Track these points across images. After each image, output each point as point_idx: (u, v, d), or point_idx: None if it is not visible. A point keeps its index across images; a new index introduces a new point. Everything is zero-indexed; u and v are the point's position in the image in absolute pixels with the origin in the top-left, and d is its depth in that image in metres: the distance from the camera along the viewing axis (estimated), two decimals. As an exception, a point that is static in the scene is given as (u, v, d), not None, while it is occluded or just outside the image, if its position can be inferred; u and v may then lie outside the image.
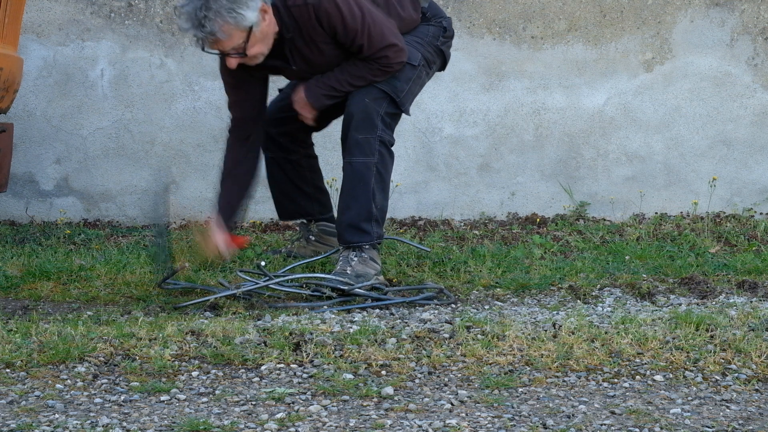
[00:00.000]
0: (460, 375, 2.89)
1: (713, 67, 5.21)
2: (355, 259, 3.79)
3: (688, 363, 2.99)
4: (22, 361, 2.90)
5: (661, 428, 2.52)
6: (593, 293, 3.84)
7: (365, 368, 2.91)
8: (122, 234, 4.83)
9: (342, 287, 3.65)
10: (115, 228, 4.99)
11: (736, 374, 2.92)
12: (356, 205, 3.81)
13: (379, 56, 3.77)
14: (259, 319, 3.39)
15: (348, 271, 3.75)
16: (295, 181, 4.21)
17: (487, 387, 2.79)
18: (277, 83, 4.15)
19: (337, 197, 5.13)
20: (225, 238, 3.82)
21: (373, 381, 2.82)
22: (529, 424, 2.53)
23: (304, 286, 3.74)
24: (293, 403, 2.66)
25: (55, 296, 3.76)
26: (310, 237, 4.31)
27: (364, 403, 2.66)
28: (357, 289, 3.65)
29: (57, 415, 2.55)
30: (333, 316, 3.43)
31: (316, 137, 4.27)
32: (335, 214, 4.18)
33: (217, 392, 2.74)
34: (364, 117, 3.80)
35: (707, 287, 3.91)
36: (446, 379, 2.86)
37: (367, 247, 3.81)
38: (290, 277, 3.77)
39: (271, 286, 3.68)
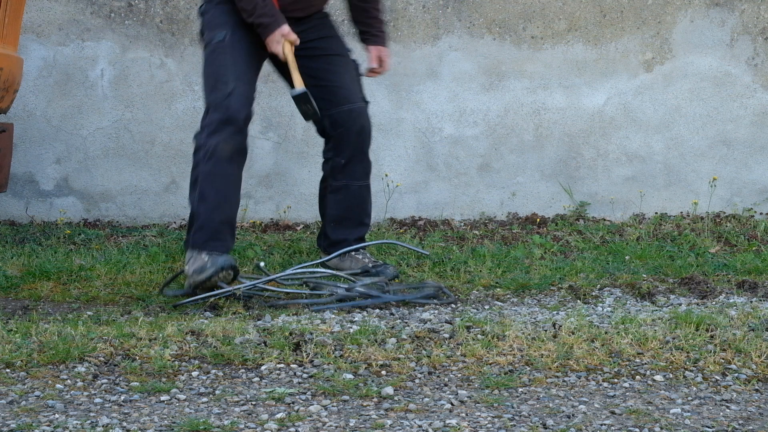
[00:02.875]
0: (460, 375, 2.89)
1: (713, 67, 5.21)
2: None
3: (688, 363, 2.99)
4: (22, 361, 2.91)
5: (661, 428, 2.52)
6: (593, 293, 3.84)
7: (365, 368, 2.91)
8: (122, 234, 4.83)
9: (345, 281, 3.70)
10: (115, 228, 4.99)
11: (736, 374, 2.92)
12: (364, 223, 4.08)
13: None
14: (259, 319, 3.39)
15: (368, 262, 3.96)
16: None
17: (487, 387, 2.79)
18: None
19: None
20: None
21: (373, 381, 2.82)
22: (529, 424, 2.53)
23: (304, 285, 3.75)
24: (293, 403, 2.66)
25: (55, 296, 3.77)
26: None
27: (364, 403, 2.66)
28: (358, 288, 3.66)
29: (57, 415, 2.55)
30: (333, 316, 3.43)
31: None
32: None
33: (217, 392, 2.74)
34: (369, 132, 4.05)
35: (707, 287, 3.91)
36: (446, 379, 2.86)
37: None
38: (290, 272, 3.75)
39: (269, 284, 3.68)
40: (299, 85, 3.82)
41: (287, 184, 5.12)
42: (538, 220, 5.12)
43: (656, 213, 5.21)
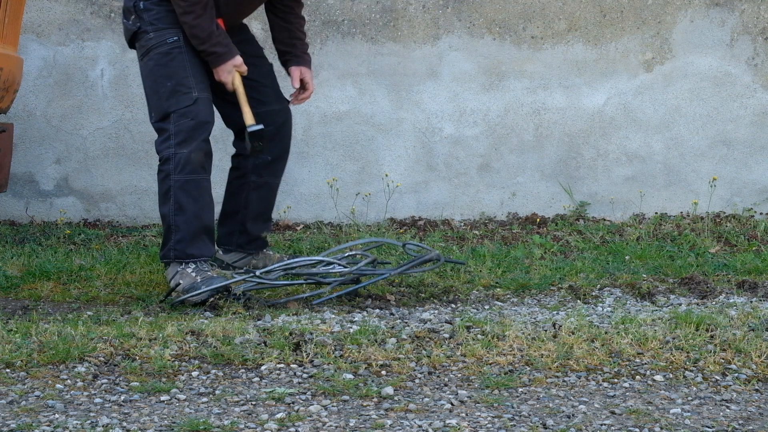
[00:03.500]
0: (460, 375, 2.89)
1: (713, 67, 5.21)
2: None
3: (688, 363, 2.99)
4: (22, 361, 2.90)
5: (661, 428, 2.52)
6: (593, 293, 3.84)
7: (365, 368, 2.92)
8: (122, 234, 4.83)
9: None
10: (115, 228, 4.99)
11: (736, 374, 2.92)
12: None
13: None
14: (259, 319, 3.39)
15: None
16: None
17: (487, 387, 2.79)
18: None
19: (337, 197, 5.13)
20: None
21: (373, 381, 2.82)
22: (529, 424, 2.53)
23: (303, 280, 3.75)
24: (293, 403, 2.66)
25: (55, 296, 3.77)
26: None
27: (364, 403, 2.66)
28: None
29: (57, 415, 2.55)
30: (333, 316, 3.43)
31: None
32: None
33: (217, 392, 2.74)
34: None
35: (707, 287, 3.91)
36: (446, 379, 2.86)
37: None
38: (285, 264, 3.75)
39: (265, 281, 3.67)
40: (251, 119, 3.77)
41: (287, 184, 5.12)
42: (538, 220, 5.12)
43: (656, 213, 5.21)
